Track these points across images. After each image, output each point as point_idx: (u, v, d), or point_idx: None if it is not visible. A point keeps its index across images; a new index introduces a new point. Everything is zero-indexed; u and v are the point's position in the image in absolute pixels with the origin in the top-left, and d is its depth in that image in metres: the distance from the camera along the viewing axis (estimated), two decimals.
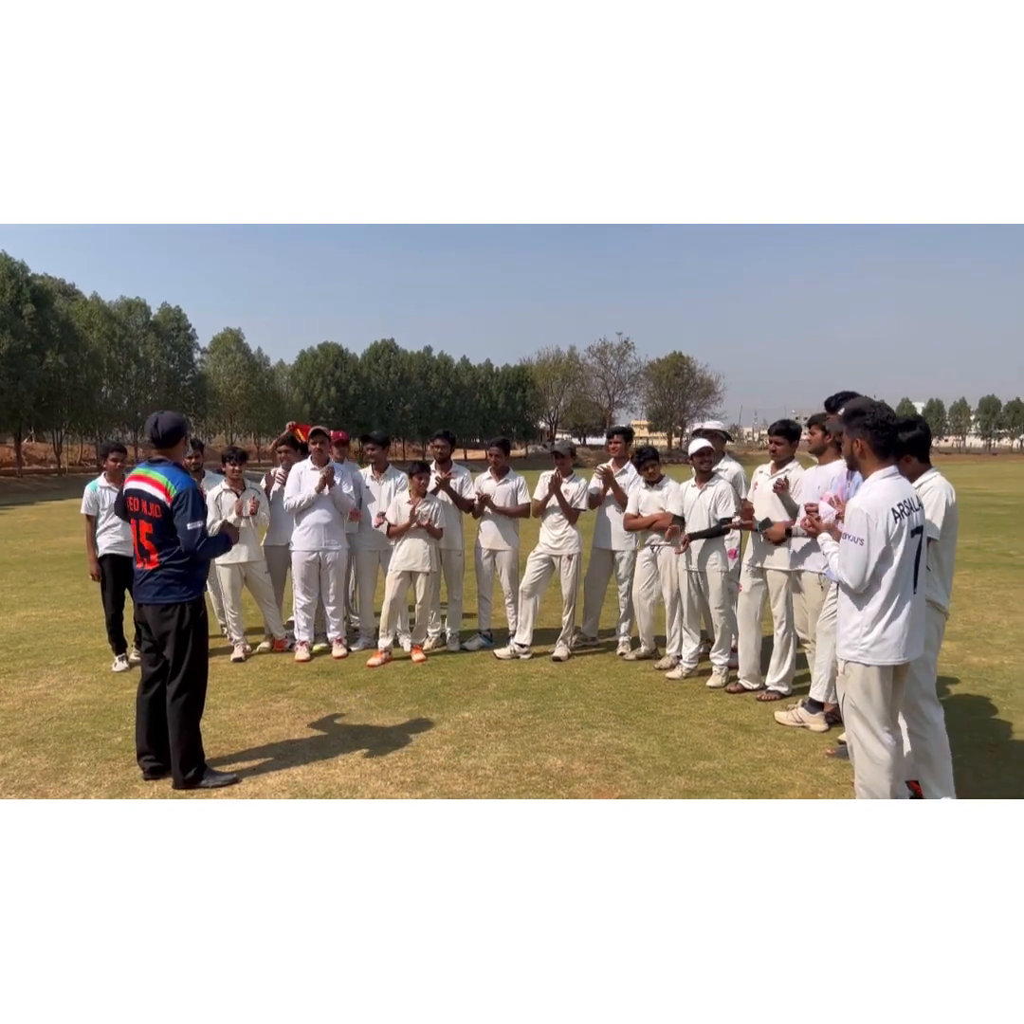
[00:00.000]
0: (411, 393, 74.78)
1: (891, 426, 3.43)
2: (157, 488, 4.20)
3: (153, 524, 4.22)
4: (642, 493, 6.54)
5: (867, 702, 3.45)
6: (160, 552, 4.23)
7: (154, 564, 4.25)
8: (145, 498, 4.23)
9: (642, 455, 6.58)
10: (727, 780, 4.25)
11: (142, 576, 4.31)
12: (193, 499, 4.22)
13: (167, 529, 4.21)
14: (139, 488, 4.27)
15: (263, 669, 6.49)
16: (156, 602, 4.25)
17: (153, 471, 4.27)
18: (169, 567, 4.24)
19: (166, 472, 4.25)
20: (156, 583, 4.25)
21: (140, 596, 4.33)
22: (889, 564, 3.36)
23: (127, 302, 55.11)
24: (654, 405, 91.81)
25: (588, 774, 4.34)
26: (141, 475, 4.31)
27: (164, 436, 4.33)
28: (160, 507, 4.18)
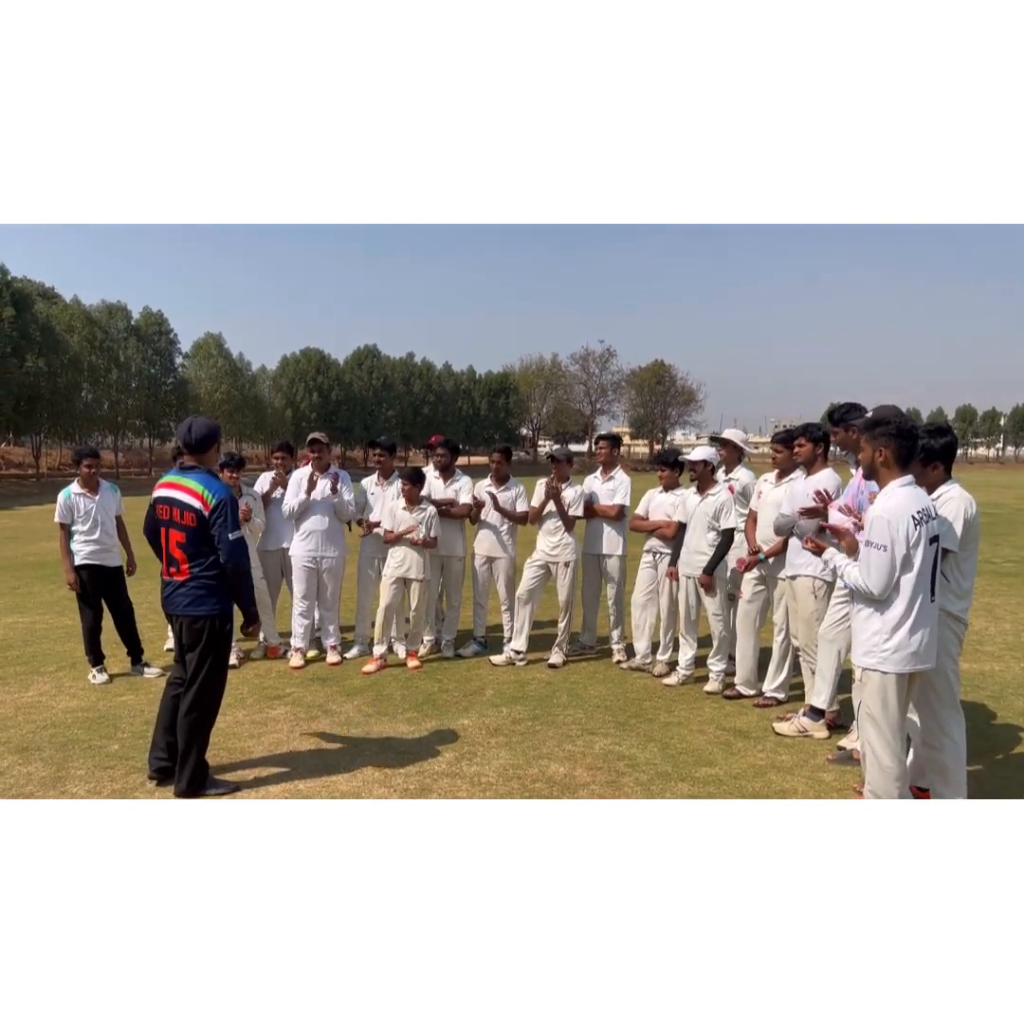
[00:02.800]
0: (394, 399, 74.55)
1: (916, 435, 3.47)
2: (193, 496, 4.09)
3: (187, 533, 4.10)
4: (655, 496, 6.55)
5: (883, 711, 3.47)
6: (192, 563, 4.14)
7: (185, 575, 4.15)
8: (178, 506, 4.10)
9: (658, 459, 6.62)
10: (730, 786, 4.26)
11: (172, 587, 4.21)
12: (233, 508, 4.14)
13: (201, 539, 4.10)
14: (172, 496, 4.15)
15: (258, 676, 6.44)
16: (188, 613, 4.17)
17: (187, 478, 4.16)
18: (201, 578, 4.15)
19: (202, 480, 4.14)
20: (188, 594, 4.17)
21: (171, 607, 4.24)
22: (909, 570, 3.40)
23: (108, 306, 54.57)
24: (636, 412, 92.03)
25: (591, 781, 4.34)
26: (173, 482, 4.19)
27: (198, 442, 4.21)
28: (196, 516, 4.07)
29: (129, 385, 53.77)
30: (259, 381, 68.59)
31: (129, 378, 53.76)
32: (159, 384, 57.12)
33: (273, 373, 70.47)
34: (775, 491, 5.58)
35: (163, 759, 4.34)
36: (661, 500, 6.48)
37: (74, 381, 48.55)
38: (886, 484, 3.59)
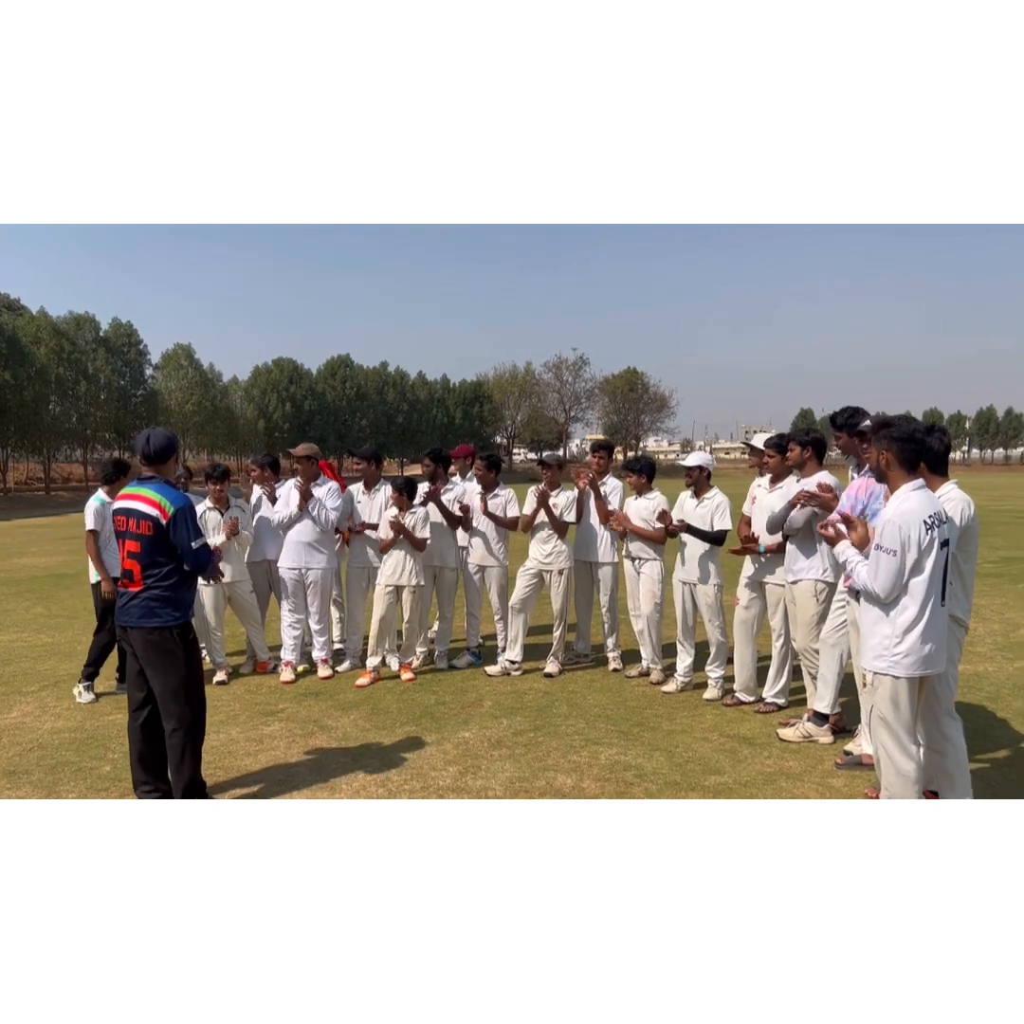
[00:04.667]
0: (367, 408, 74.31)
1: (918, 439, 3.46)
2: (151, 505, 4.01)
3: (141, 542, 4.02)
4: (630, 503, 6.51)
5: (895, 714, 3.45)
6: (146, 573, 4.04)
7: (138, 586, 4.05)
8: (135, 516, 4.03)
9: (625, 466, 6.58)
10: (741, 794, 4.21)
11: (126, 598, 4.11)
12: (192, 516, 4.08)
13: (156, 548, 4.02)
14: (129, 506, 4.08)
15: (248, 692, 6.30)
16: (140, 625, 4.05)
17: (144, 488, 4.10)
18: (155, 589, 4.03)
19: (159, 489, 4.08)
20: (140, 605, 4.05)
21: (123, 619, 4.12)
22: (920, 575, 3.38)
23: (76, 317, 53.87)
24: (609, 420, 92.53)
25: (600, 792, 4.26)
26: (131, 494, 4.13)
27: (156, 453, 4.15)
28: (153, 524, 3.99)
29: (98, 397, 53.11)
30: (231, 392, 68.06)
31: (98, 390, 53.11)
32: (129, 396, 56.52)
33: (245, 384, 69.96)
34: (769, 496, 5.57)
35: (150, 789, 4.18)
36: (636, 506, 6.42)
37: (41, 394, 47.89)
38: (896, 487, 3.59)
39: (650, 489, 6.40)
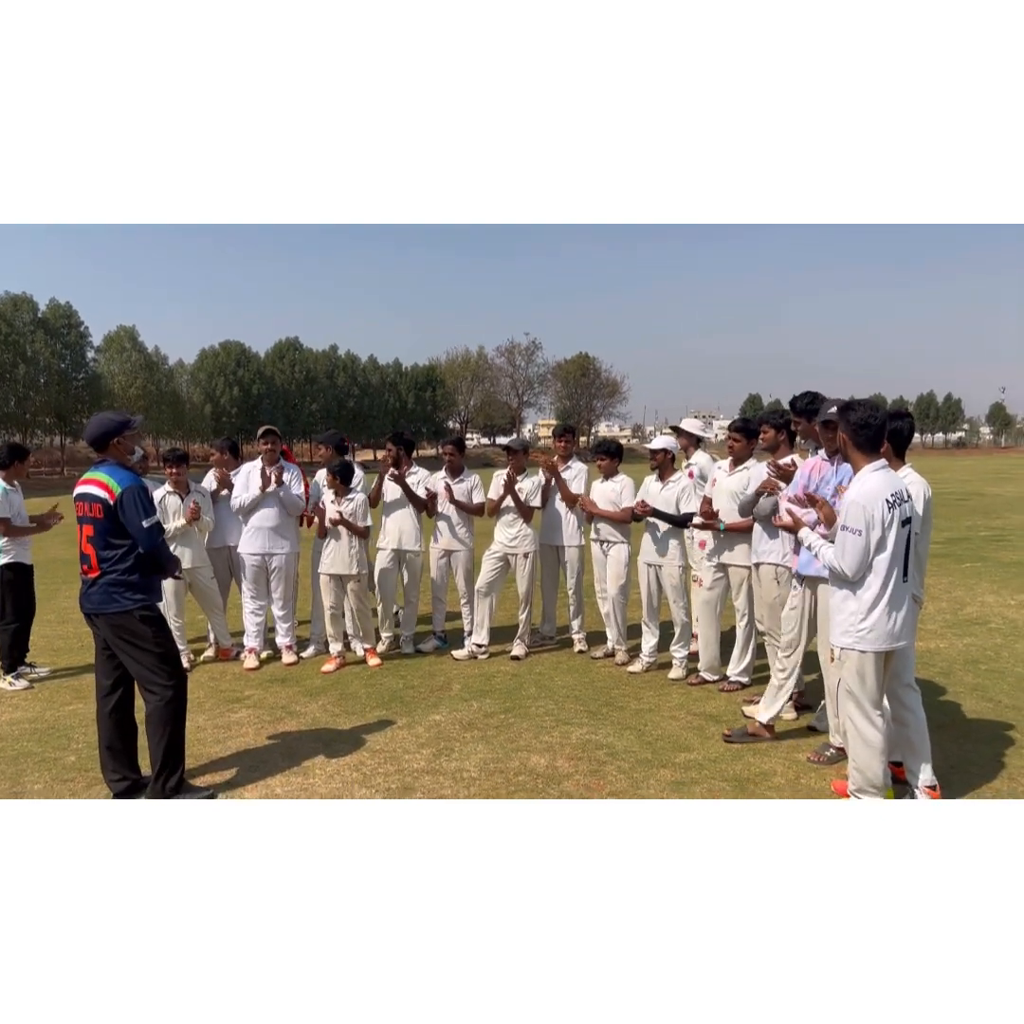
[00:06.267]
0: (317, 392, 73.35)
1: (872, 425, 3.57)
2: (100, 487, 3.98)
3: (94, 525, 3.97)
4: (596, 486, 6.56)
5: (862, 687, 3.57)
6: (102, 557, 3.98)
7: (96, 571, 4.00)
8: (88, 499, 4.00)
9: (596, 448, 6.63)
10: (711, 770, 4.31)
11: (86, 585, 4.05)
12: (140, 495, 4.00)
13: (109, 531, 3.96)
14: (83, 491, 4.04)
15: (212, 679, 6.22)
16: (102, 611, 4.00)
17: (96, 472, 4.07)
18: (111, 574, 3.98)
19: (108, 471, 4.04)
20: (100, 591, 4.00)
21: (86, 605, 4.06)
22: (883, 552, 3.49)
23: (12, 298, 52.02)
24: (562, 405, 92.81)
25: (574, 771, 4.33)
26: (86, 479, 4.09)
27: (94, 440, 4.12)
28: (103, 506, 3.94)
29: (37, 381, 51.49)
30: (176, 375, 66.57)
31: (37, 373, 51.48)
32: (70, 379, 54.90)
33: (191, 367, 68.43)
34: (729, 479, 5.66)
35: (119, 779, 4.13)
36: (603, 489, 6.48)
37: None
38: (858, 468, 3.69)
39: (616, 472, 6.46)
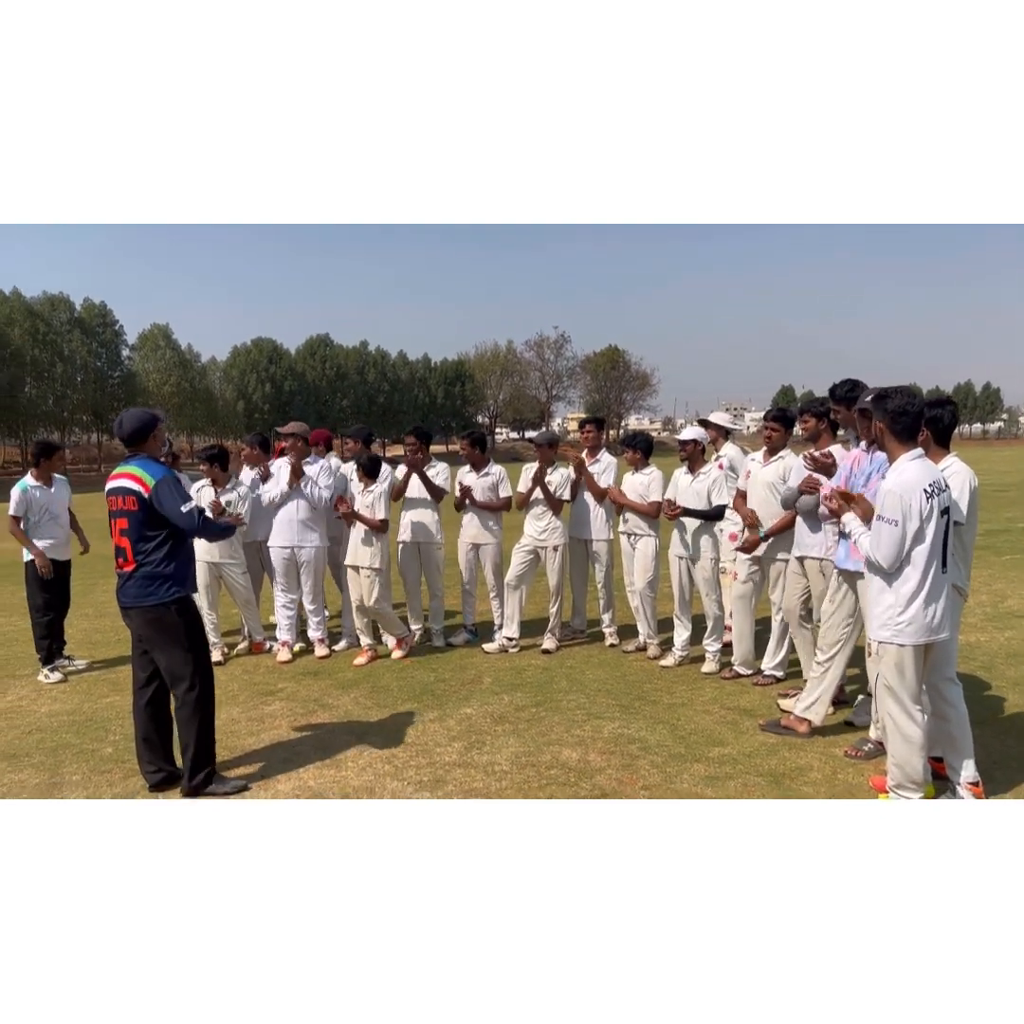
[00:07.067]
0: (348, 388, 73.81)
1: (910, 412, 3.48)
2: (133, 480, 4.02)
3: (128, 518, 4.01)
4: (626, 478, 6.51)
5: (900, 681, 3.50)
6: (137, 550, 4.02)
7: (131, 565, 4.04)
8: (121, 493, 4.04)
9: (624, 441, 6.58)
10: (745, 765, 4.26)
11: (122, 579, 4.10)
12: (175, 484, 4.07)
13: (144, 522, 4.00)
14: (115, 485, 4.09)
15: (246, 672, 6.28)
16: (138, 604, 4.04)
17: (128, 466, 4.11)
18: (146, 566, 4.02)
19: (140, 464, 4.08)
20: (136, 584, 4.04)
21: (122, 599, 4.11)
22: (922, 543, 3.42)
23: (50, 298, 52.96)
24: (591, 398, 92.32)
25: (606, 765, 4.30)
26: (118, 473, 4.14)
27: (130, 436, 4.14)
28: (136, 498, 3.98)
29: (74, 379, 52.41)
30: (209, 372, 67.36)
31: (74, 372, 52.39)
32: (106, 377, 55.79)
33: (224, 364, 69.20)
34: (764, 470, 5.58)
35: (154, 771, 4.18)
36: (632, 481, 6.43)
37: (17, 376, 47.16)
38: (895, 458, 3.61)
39: (647, 465, 6.40)
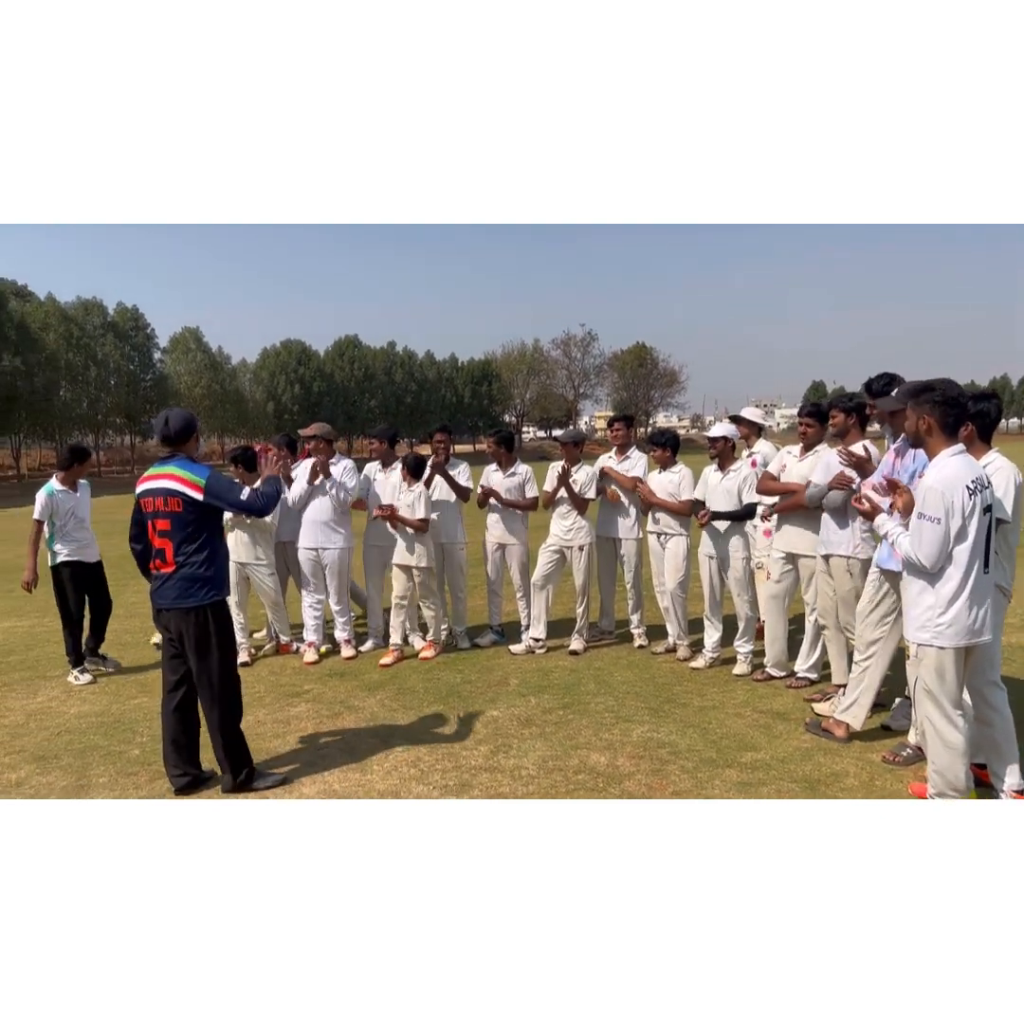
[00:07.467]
0: (376, 389, 74.18)
1: (961, 403, 3.35)
2: (178, 482, 4.00)
3: (171, 519, 4.00)
4: (653, 477, 6.41)
5: (941, 685, 3.37)
6: (178, 552, 4.02)
7: (171, 566, 4.04)
8: (162, 494, 4.02)
9: (651, 439, 6.48)
10: (779, 771, 4.15)
11: (160, 580, 4.09)
12: (221, 477, 4.13)
13: (190, 523, 4.01)
14: (154, 486, 4.06)
15: (272, 673, 6.27)
16: (177, 606, 4.04)
17: (167, 467, 4.08)
18: (187, 567, 4.03)
19: (183, 465, 4.06)
20: (176, 586, 4.04)
21: (159, 600, 4.11)
22: (964, 542, 3.29)
23: (83, 303, 53.81)
24: (619, 396, 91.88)
25: (635, 770, 4.21)
26: (154, 474, 4.10)
27: (176, 434, 4.13)
28: (182, 500, 3.98)
29: (108, 382, 53.18)
30: (239, 374, 68.06)
31: (107, 375, 53.16)
32: (138, 380, 56.56)
33: (253, 366, 69.91)
34: (799, 464, 5.46)
35: (180, 775, 4.18)
36: (660, 480, 6.32)
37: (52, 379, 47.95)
38: (935, 454, 3.48)
39: (674, 463, 6.30)
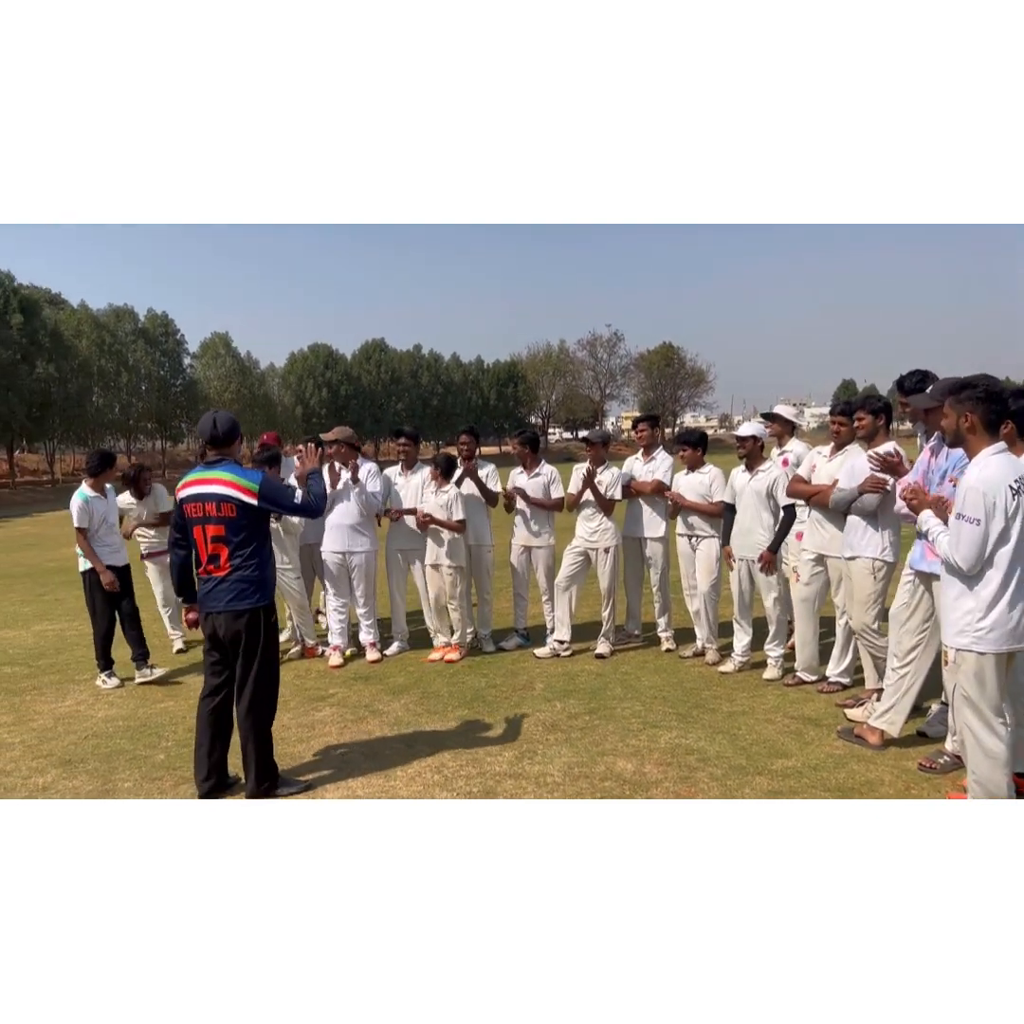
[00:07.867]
0: (402, 392, 74.45)
1: (1004, 399, 3.23)
2: (230, 487, 3.97)
3: (226, 524, 3.98)
4: (680, 479, 6.31)
5: (981, 692, 3.25)
6: (233, 556, 4.00)
7: (224, 570, 4.01)
8: (213, 499, 3.98)
9: (679, 439, 6.39)
10: (811, 779, 4.04)
11: (212, 583, 4.06)
12: (276, 481, 4.18)
13: (243, 527, 3.99)
14: (203, 491, 4.01)
15: (298, 677, 6.25)
16: (230, 609, 4.01)
17: (216, 471, 4.03)
18: (241, 570, 4.02)
19: (233, 470, 4.03)
20: (230, 589, 4.02)
21: (210, 604, 4.07)
22: (1006, 544, 3.17)
23: (115, 309, 54.62)
24: (646, 396, 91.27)
25: (663, 777, 4.12)
26: (201, 479, 4.04)
27: (225, 435, 4.12)
28: (237, 505, 3.95)
29: (139, 388, 53.91)
30: (268, 379, 68.66)
31: (139, 381, 53.90)
32: (169, 386, 57.24)
33: (282, 370, 70.53)
34: (829, 465, 5.34)
35: (205, 779, 4.16)
36: (688, 481, 6.21)
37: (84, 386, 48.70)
38: (975, 452, 3.36)
39: (703, 463, 6.20)
